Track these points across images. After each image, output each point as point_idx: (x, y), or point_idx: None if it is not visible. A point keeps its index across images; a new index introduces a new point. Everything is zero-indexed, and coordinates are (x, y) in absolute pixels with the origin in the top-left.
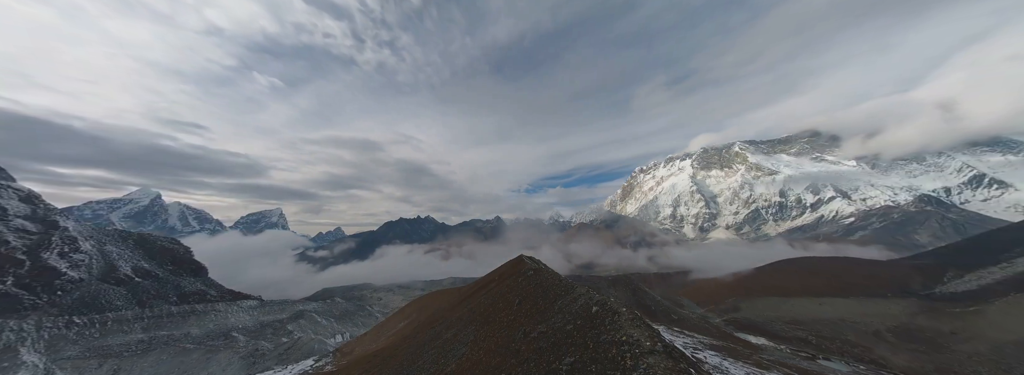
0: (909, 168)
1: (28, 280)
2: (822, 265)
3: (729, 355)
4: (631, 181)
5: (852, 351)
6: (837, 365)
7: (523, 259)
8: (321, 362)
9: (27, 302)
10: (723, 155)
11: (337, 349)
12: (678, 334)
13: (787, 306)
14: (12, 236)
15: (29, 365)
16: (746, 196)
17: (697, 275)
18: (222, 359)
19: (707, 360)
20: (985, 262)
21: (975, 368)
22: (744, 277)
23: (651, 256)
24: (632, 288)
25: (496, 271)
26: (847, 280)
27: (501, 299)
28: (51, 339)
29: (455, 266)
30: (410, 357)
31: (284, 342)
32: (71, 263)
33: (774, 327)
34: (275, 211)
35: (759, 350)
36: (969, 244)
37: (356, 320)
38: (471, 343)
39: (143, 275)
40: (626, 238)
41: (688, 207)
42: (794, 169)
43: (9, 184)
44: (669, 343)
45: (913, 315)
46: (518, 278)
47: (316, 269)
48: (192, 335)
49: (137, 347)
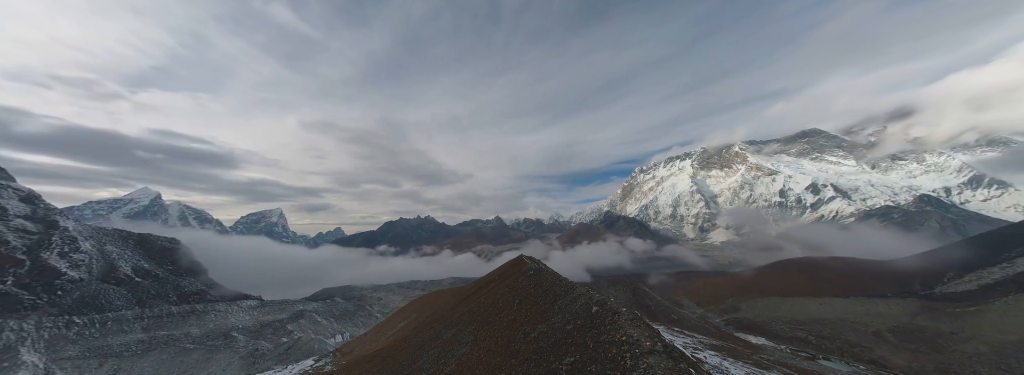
0: (909, 168)
1: (28, 280)
2: (822, 265)
3: (729, 355)
4: (631, 181)
5: (852, 351)
6: (837, 365)
7: (523, 259)
8: (321, 362)
9: (27, 302)
10: (723, 155)
11: (337, 349)
12: (678, 334)
13: (787, 306)
14: (12, 236)
15: (29, 365)
16: (746, 196)
17: (697, 275)
18: (222, 359)
19: (707, 360)
20: (985, 262)
21: (975, 368)
22: (744, 277)
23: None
24: (632, 288)
25: (496, 271)
26: (847, 280)
27: (501, 299)
28: (51, 339)
29: (455, 266)
30: (410, 357)
31: (284, 342)
32: (71, 263)
33: (774, 327)
34: (275, 211)
35: (759, 350)
36: (969, 244)
37: (356, 320)
38: (471, 343)
39: (143, 275)
40: (626, 237)
41: (688, 207)
42: (794, 169)
43: (9, 184)
44: (669, 343)
45: (913, 315)
46: (518, 278)
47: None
48: (192, 335)
49: (137, 347)
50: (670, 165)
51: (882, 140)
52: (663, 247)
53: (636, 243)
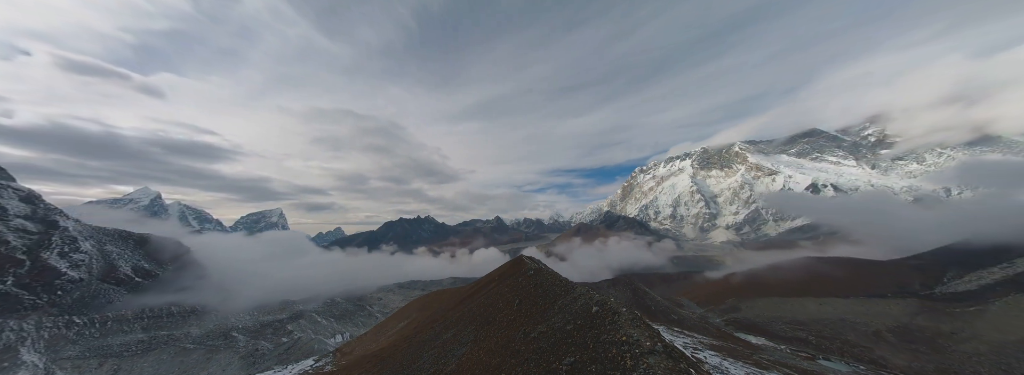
0: (909, 168)
1: (28, 280)
2: (822, 265)
3: (729, 355)
4: (631, 181)
5: (852, 351)
6: (837, 365)
7: (523, 259)
8: (321, 362)
9: (27, 302)
10: (723, 155)
11: (337, 349)
12: (678, 334)
13: (787, 306)
14: (12, 236)
15: (29, 365)
16: (746, 196)
17: (697, 275)
18: (222, 359)
19: (707, 360)
20: (985, 262)
21: (975, 368)
22: (744, 277)
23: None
24: (632, 288)
25: (496, 271)
26: (847, 280)
27: (501, 299)
28: (51, 339)
29: (455, 266)
30: (410, 357)
31: (284, 342)
32: (71, 263)
33: (774, 327)
34: (275, 211)
35: (759, 350)
36: (969, 244)
37: (356, 320)
38: (471, 343)
39: (143, 275)
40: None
41: (688, 207)
42: (794, 169)
43: (9, 184)
44: (669, 343)
45: (913, 315)
46: (518, 278)
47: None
48: (192, 335)
49: (137, 347)
50: (670, 165)
51: (882, 140)
52: (663, 247)
53: (636, 243)
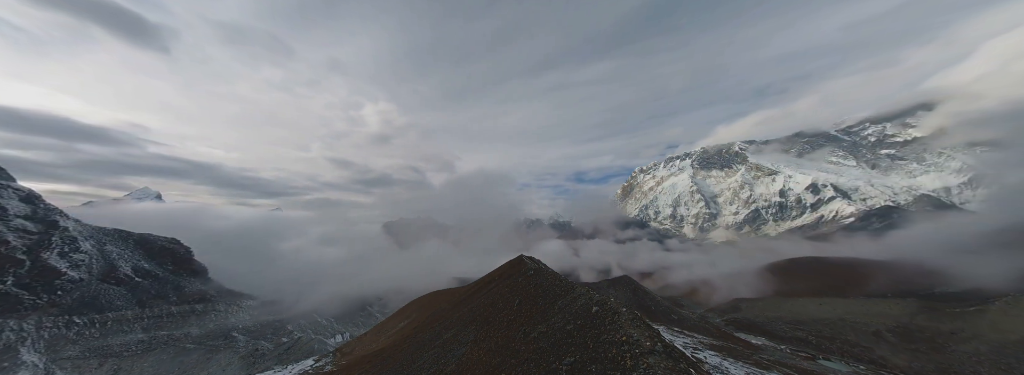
0: (909, 168)
1: (28, 280)
2: (822, 265)
3: (729, 355)
4: (631, 181)
5: (852, 351)
6: (837, 365)
7: (523, 259)
8: (321, 362)
9: (27, 302)
10: (723, 155)
11: (337, 349)
12: (678, 334)
13: (787, 306)
14: (12, 236)
15: (29, 365)
16: (746, 196)
17: (697, 275)
18: (222, 359)
19: (707, 360)
20: None
21: (975, 368)
22: (744, 277)
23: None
24: (632, 288)
25: (496, 271)
26: (847, 280)
27: (501, 299)
28: (51, 339)
29: (455, 266)
30: (410, 357)
31: (284, 342)
32: (71, 263)
33: (774, 327)
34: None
35: (759, 350)
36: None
37: (356, 320)
38: (471, 343)
39: (143, 275)
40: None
41: (688, 207)
42: (794, 169)
43: (9, 184)
44: (669, 343)
45: (913, 315)
46: (518, 278)
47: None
48: (192, 335)
49: (137, 347)
50: (670, 165)
51: (882, 140)
52: (663, 247)
53: (638, 243)
